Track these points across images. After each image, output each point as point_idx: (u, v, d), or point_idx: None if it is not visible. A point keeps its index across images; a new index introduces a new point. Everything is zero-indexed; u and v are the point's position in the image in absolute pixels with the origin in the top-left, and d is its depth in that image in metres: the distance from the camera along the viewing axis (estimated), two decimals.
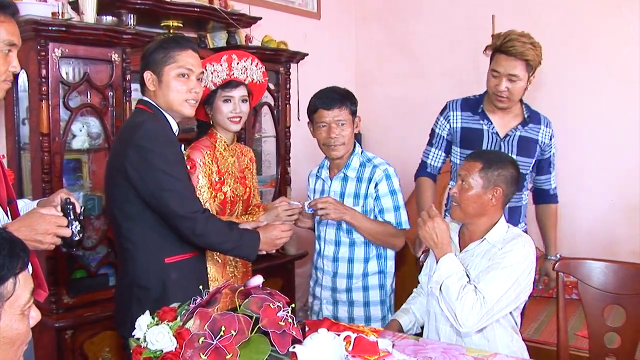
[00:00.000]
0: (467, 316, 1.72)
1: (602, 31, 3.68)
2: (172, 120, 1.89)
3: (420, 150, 2.59)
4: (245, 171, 2.35)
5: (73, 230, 1.50)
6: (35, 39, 2.25)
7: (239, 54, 2.26)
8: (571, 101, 3.80)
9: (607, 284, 2.04)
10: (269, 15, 3.60)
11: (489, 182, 1.86)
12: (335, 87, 2.26)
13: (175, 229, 1.79)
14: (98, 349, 2.49)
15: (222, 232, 1.83)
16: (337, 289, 2.26)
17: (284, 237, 1.95)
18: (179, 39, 1.92)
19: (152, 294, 1.81)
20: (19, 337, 0.96)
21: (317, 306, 2.34)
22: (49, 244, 1.45)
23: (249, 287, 1.46)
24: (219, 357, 1.28)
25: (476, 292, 1.74)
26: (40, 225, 1.42)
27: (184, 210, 1.76)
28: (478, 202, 1.87)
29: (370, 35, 4.59)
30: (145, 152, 1.75)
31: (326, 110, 2.18)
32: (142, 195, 1.78)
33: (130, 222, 1.83)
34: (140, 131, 1.78)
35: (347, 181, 2.24)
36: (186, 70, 1.85)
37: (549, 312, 3.22)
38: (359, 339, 1.62)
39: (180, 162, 1.84)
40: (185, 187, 1.80)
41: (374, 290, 2.26)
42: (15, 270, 0.94)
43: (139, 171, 1.76)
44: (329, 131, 2.18)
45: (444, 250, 1.83)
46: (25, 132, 2.49)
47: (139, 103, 1.92)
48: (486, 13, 3.89)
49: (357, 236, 2.22)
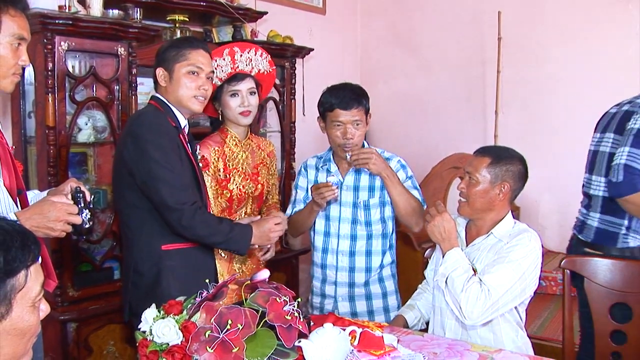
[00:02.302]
0: (471, 308, 1.72)
1: (608, 28, 3.67)
2: (180, 116, 1.93)
3: (424, 146, 2.58)
4: (260, 167, 2.30)
5: (83, 218, 1.52)
6: (42, 32, 2.25)
7: (242, 46, 2.25)
8: (576, 98, 3.79)
9: (613, 282, 2.03)
10: (274, 10, 3.60)
11: (497, 177, 1.86)
12: (350, 85, 2.21)
13: (163, 219, 1.82)
14: (103, 342, 2.50)
15: (210, 225, 1.83)
16: (355, 284, 2.24)
17: (277, 230, 1.95)
18: (191, 39, 2.01)
19: (145, 279, 1.86)
20: (29, 328, 0.96)
21: (329, 305, 2.27)
22: (60, 231, 1.48)
23: (256, 281, 1.46)
24: (225, 351, 1.28)
25: (481, 284, 1.74)
26: (52, 213, 1.45)
27: (172, 201, 1.77)
28: (486, 197, 1.87)
29: (376, 30, 4.58)
30: (140, 140, 1.80)
31: (343, 110, 2.12)
32: (137, 183, 1.82)
33: (130, 208, 1.88)
34: (138, 119, 1.87)
35: (360, 174, 2.22)
36: (196, 68, 1.90)
37: (553, 309, 3.22)
38: (365, 334, 1.62)
39: (176, 153, 1.84)
40: (176, 177, 1.80)
41: (388, 280, 2.28)
42: (27, 263, 0.94)
43: (134, 159, 1.80)
44: (345, 132, 2.13)
45: (451, 244, 1.83)
46: (32, 125, 2.49)
47: (151, 99, 1.97)
48: (492, 9, 3.89)
49: (375, 228, 2.21)
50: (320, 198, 2.09)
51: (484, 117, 4.12)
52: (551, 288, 3.41)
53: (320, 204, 2.13)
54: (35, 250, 0.96)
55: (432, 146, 4.15)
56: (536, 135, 3.91)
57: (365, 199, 2.21)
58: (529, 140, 3.80)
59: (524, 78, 3.94)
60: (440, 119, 4.29)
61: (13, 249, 0.92)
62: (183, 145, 1.89)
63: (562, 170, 3.85)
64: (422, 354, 1.66)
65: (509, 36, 3.89)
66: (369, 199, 2.21)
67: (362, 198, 2.21)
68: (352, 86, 2.20)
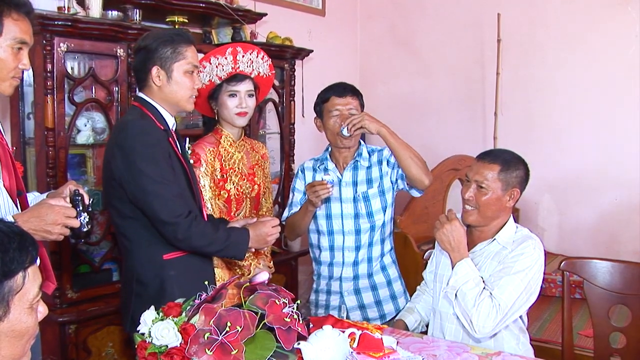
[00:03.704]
0: (483, 323, 1.72)
1: (608, 29, 3.67)
2: (167, 115, 1.85)
3: (423, 148, 2.57)
4: (255, 168, 2.30)
5: (81, 221, 1.52)
6: (41, 33, 2.24)
7: (245, 47, 2.25)
8: (575, 99, 3.79)
9: (612, 284, 2.03)
10: (274, 12, 3.59)
11: (508, 185, 1.84)
12: (344, 82, 2.28)
13: (159, 232, 1.76)
14: (102, 344, 2.49)
15: (207, 235, 1.77)
16: (359, 276, 2.25)
17: (274, 233, 1.89)
18: (183, 33, 1.89)
19: (150, 290, 1.81)
20: (27, 330, 0.96)
21: (335, 301, 2.27)
22: (57, 234, 1.47)
23: (255, 283, 1.46)
24: (224, 353, 1.28)
25: (492, 299, 1.73)
26: (49, 216, 1.44)
27: (165, 215, 1.71)
28: (497, 204, 1.85)
29: (375, 32, 4.58)
30: (128, 152, 1.72)
31: (339, 97, 2.20)
32: (128, 196, 1.75)
33: (125, 220, 1.81)
34: (125, 131, 1.76)
35: (357, 170, 2.25)
36: (193, 67, 1.84)
37: (552, 311, 3.21)
38: (364, 336, 1.62)
39: (166, 162, 1.76)
40: (168, 189, 1.73)
41: (391, 268, 2.30)
42: (24, 264, 0.94)
43: (123, 172, 1.73)
44: (341, 119, 2.17)
45: (461, 255, 1.81)
46: (30, 126, 2.48)
47: (135, 100, 1.88)
48: (491, 11, 3.89)
49: (377, 218, 2.22)
50: (315, 197, 2.08)
51: (484, 118, 4.13)
52: (550, 290, 3.40)
53: (314, 203, 2.11)
54: (33, 252, 0.95)
55: (432, 148, 4.13)
56: (535, 136, 3.91)
57: (364, 190, 2.23)
58: (528, 142, 3.80)
59: (524, 80, 3.94)
60: (440, 121, 4.29)
61: (11, 250, 0.91)
62: (173, 149, 1.82)
63: (561, 171, 3.85)
64: (421, 356, 1.66)
65: (509, 38, 3.89)
66: (368, 189, 2.22)
67: (361, 190, 2.23)
68: (345, 83, 2.28)
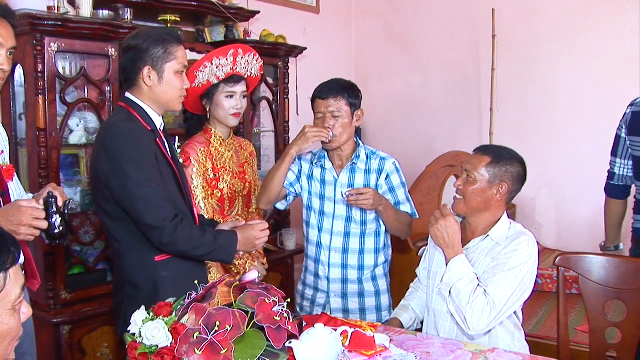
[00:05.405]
0: (477, 320, 1.72)
1: (603, 24, 3.66)
2: (155, 115, 1.83)
3: (419, 144, 2.57)
4: (245, 166, 2.31)
5: (53, 223, 1.53)
6: (31, 33, 2.24)
7: (245, 49, 2.26)
8: (571, 95, 3.78)
9: (608, 279, 2.02)
10: (267, 9, 3.58)
11: (495, 177, 1.84)
12: (338, 79, 2.20)
13: (144, 236, 1.74)
14: (96, 345, 2.48)
15: (193, 239, 1.75)
16: (348, 280, 2.23)
17: (262, 236, 1.86)
18: (173, 32, 1.87)
19: (143, 292, 1.79)
20: (9, 332, 0.95)
21: (322, 299, 2.27)
22: (25, 234, 1.48)
23: (244, 282, 1.45)
24: (213, 352, 1.27)
25: (486, 295, 1.73)
26: (16, 217, 1.46)
27: (151, 220, 1.69)
28: (482, 196, 1.85)
29: (370, 29, 4.57)
30: (115, 155, 1.70)
31: (321, 99, 2.14)
32: (115, 199, 1.73)
33: (115, 221, 1.79)
34: (111, 133, 1.74)
35: (355, 173, 2.20)
36: (183, 67, 1.83)
37: (548, 306, 3.20)
38: (356, 334, 1.61)
39: (153, 165, 1.74)
40: (154, 193, 1.70)
41: (381, 279, 2.27)
42: (5, 265, 0.93)
43: (109, 175, 1.71)
44: (323, 122, 2.13)
45: (455, 251, 1.81)
46: (22, 127, 2.47)
47: (122, 100, 1.85)
48: (486, 7, 3.88)
49: (370, 227, 2.21)
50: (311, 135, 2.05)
51: (479, 114, 4.12)
52: (547, 286, 3.39)
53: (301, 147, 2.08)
54: (15, 253, 0.94)
55: (427, 144, 4.14)
56: (532, 132, 3.90)
57: None
58: (524, 137, 3.80)
59: (519, 75, 3.94)
60: (435, 117, 4.28)
61: None
62: (161, 150, 1.80)
63: (558, 167, 3.84)
64: (414, 354, 1.65)
65: (504, 33, 3.88)
66: None
67: None
68: (338, 79, 2.19)
